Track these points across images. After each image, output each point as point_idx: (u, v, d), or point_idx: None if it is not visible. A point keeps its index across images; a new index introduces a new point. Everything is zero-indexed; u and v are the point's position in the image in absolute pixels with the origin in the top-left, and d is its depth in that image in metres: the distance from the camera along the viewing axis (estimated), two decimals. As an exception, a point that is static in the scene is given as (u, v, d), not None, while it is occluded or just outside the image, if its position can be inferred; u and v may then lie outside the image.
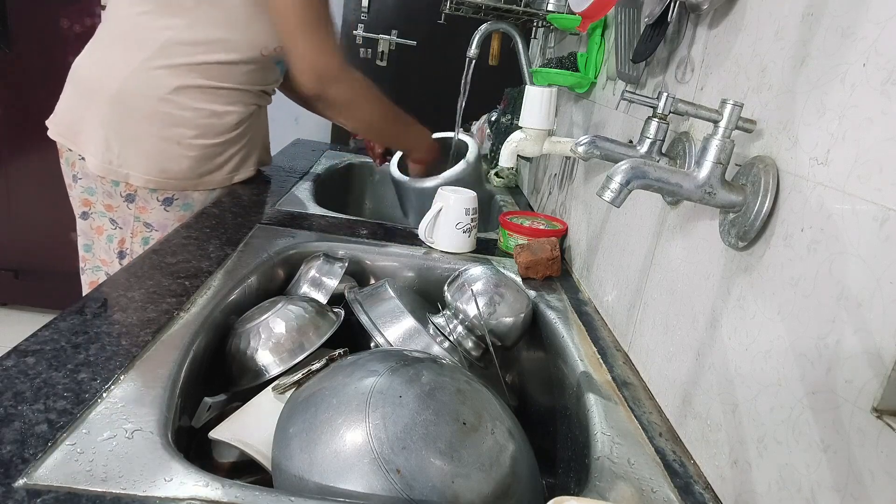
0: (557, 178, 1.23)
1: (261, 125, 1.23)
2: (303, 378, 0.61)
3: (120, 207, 1.07)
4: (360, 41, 2.07)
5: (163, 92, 1.03)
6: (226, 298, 0.74)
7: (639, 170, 0.50)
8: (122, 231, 1.08)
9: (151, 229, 1.09)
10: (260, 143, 1.24)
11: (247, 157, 1.19)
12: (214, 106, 1.08)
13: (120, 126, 1.04)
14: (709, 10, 0.65)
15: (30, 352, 0.56)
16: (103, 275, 1.12)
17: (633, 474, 0.53)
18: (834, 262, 0.42)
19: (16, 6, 2.15)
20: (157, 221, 1.09)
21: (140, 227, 1.08)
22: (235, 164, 1.16)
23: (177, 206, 1.10)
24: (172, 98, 1.04)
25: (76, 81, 1.09)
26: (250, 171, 1.21)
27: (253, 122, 1.17)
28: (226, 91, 1.08)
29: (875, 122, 0.40)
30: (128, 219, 1.08)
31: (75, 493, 0.42)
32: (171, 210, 1.09)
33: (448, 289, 0.80)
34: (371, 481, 0.47)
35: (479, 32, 1.36)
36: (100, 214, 1.09)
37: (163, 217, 1.09)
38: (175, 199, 1.09)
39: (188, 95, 1.05)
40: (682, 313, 0.62)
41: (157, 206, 1.08)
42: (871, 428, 0.36)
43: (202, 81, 1.05)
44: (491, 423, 0.54)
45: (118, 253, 1.10)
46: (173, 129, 1.05)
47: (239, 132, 1.14)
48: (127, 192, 1.06)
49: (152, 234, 1.09)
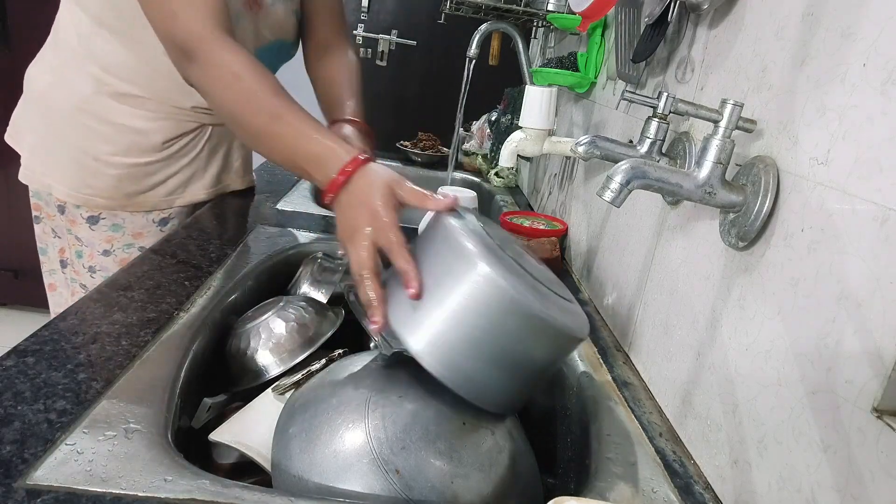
0: (557, 178, 1.23)
1: (220, 146, 1.06)
2: (302, 379, 0.61)
3: (56, 217, 0.99)
4: (360, 41, 2.07)
5: (78, 99, 0.92)
6: (226, 298, 0.74)
7: (639, 170, 0.50)
8: (60, 240, 1.01)
9: (82, 244, 0.98)
10: (217, 165, 1.07)
11: (189, 180, 1.02)
12: (135, 121, 0.93)
13: (44, 133, 0.95)
14: (709, 10, 0.65)
15: (30, 352, 0.56)
16: (58, 279, 1.05)
17: (633, 474, 0.53)
18: (834, 262, 0.42)
19: (16, 6, 2.16)
20: (86, 238, 0.98)
21: (73, 239, 0.98)
22: (173, 186, 1.00)
23: (103, 225, 0.97)
24: (89, 108, 0.92)
25: (25, 84, 0.99)
26: (199, 195, 1.05)
27: (197, 142, 1.01)
28: (152, 103, 0.93)
29: (875, 122, 0.40)
30: (62, 230, 0.99)
31: (75, 493, 0.42)
32: (97, 230, 0.97)
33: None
34: (370, 481, 0.47)
35: (479, 32, 1.36)
36: (46, 221, 1.01)
37: (89, 235, 0.97)
38: (101, 217, 0.96)
39: (105, 105, 0.92)
40: (683, 313, 0.62)
41: (82, 222, 0.97)
42: (871, 428, 0.36)
43: (122, 87, 0.91)
44: (490, 423, 0.54)
45: (60, 261, 1.03)
46: (91, 143, 0.93)
47: (171, 152, 0.98)
48: (58, 203, 0.97)
49: (83, 249, 0.98)
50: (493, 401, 0.53)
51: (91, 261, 0.98)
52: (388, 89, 2.22)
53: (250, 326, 0.71)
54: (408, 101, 2.25)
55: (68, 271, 1.02)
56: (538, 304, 0.51)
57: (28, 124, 0.97)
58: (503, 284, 0.50)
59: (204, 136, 1.02)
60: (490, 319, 0.50)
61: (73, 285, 1.02)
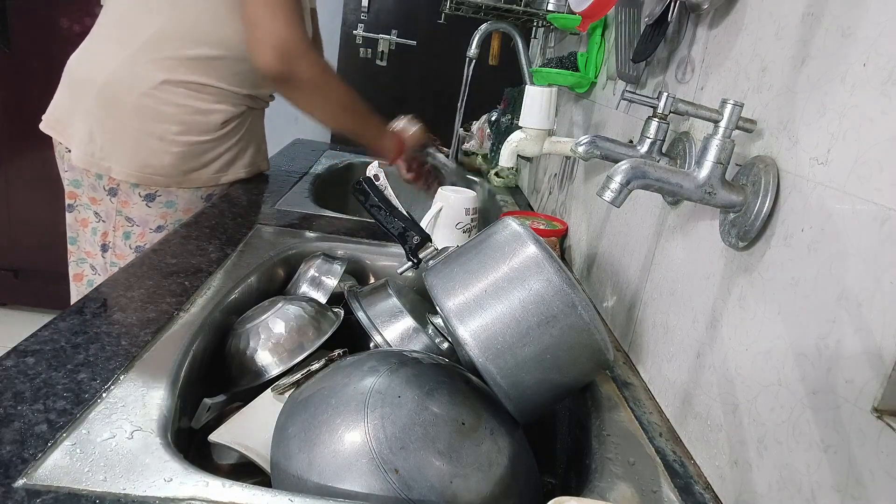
0: (557, 178, 1.23)
1: (254, 130, 1.21)
2: (302, 378, 0.61)
3: (103, 201, 1.07)
4: (360, 41, 2.07)
5: (147, 86, 1.02)
6: (226, 298, 0.74)
7: (639, 170, 0.50)
8: (105, 224, 1.08)
9: (133, 224, 1.08)
10: (253, 147, 1.21)
11: (235, 158, 1.16)
12: (199, 103, 1.06)
13: (104, 119, 1.03)
14: (709, 9, 0.65)
15: (30, 352, 0.56)
16: (88, 267, 1.12)
17: (633, 474, 0.53)
18: (834, 262, 0.42)
19: (16, 6, 2.16)
20: (139, 217, 1.08)
21: (122, 221, 1.07)
22: (222, 164, 1.14)
23: (159, 202, 1.08)
24: (156, 93, 1.03)
25: (68, 76, 1.09)
26: (240, 173, 1.19)
27: (243, 124, 1.15)
28: (213, 89, 1.07)
29: (875, 122, 0.40)
30: (110, 212, 1.07)
31: (75, 493, 0.42)
32: (154, 206, 1.08)
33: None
34: (369, 481, 0.47)
35: (479, 32, 1.36)
36: (85, 207, 1.09)
37: (144, 213, 1.07)
38: (158, 195, 1.08)
39: (172, 91, 1.04)
40: (683, 313, 0.62)
41: (138, 201, 1.07)
42: (872, 428, 0.36)
43: (187, 77, 1.04)
44: (490, 423, 0.54)
45: (101, 246, 1.09)
46: (156, 124, 1.04)
47: (225, 132, 1.12)
48: (110, 186, 1.06)
49: (133, 229, 1.08)
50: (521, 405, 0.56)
51: (141, 240, 1.09)
52: (388, 89, 2.22)
53: (250, 326, 0.71)
54: (408, 101, 2.24)
55: (109, 255, 1.09)
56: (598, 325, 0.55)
57: (83, 113, 1.05)
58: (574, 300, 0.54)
59: (248, 119, 1.17)
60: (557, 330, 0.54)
61: (111, 269, 1.09)
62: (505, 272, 0.56)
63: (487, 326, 0.54)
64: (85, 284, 1.13)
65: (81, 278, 1.13)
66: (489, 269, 0.57)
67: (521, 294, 0.55)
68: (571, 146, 0.77)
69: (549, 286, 0.54)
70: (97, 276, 1.12)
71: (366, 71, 2.19)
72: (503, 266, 0.56)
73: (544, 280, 0.55)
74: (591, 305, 0.58)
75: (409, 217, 0.75)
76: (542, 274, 0.55)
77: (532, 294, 0.54)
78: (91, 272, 1.12)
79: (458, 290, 0.56)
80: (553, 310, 0.54)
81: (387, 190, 0.76)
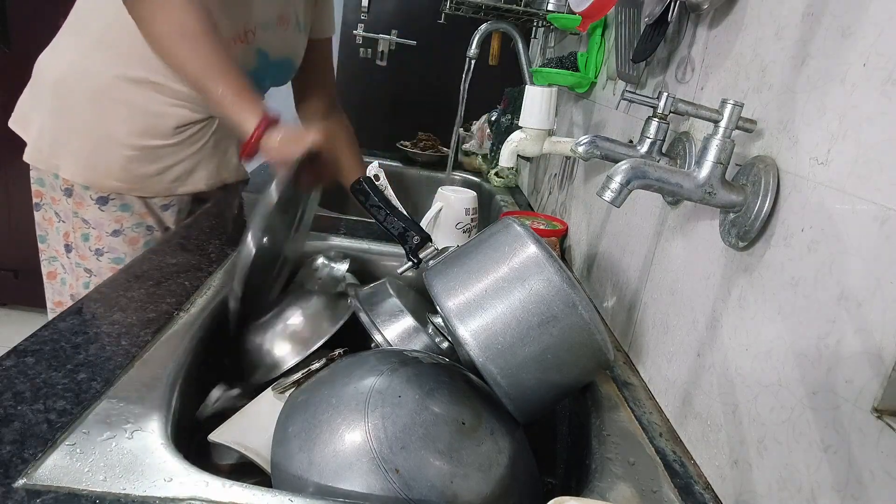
0: (557, 178, 1.23)
1: (221, 140, 1.08)
2: (302, 378, 0.61)
3: (61, 201, 1.01)
4: (360, 41, 2.07)
5: (99, 81, 0.96)
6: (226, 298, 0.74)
7: (639, 170, 0.50)
8: (65, 225, 1.03)
9: (89, 226, 1.01)
10: (217, 158, 1.09)
11: (194, 169, 1.05)
12: (152, 104, 0.97)
13: (57, 115, 0.98)
14: (709, 9, 0.65)
15: (30, 352, 0.56)
16: (59, 266, 1.07)
17: (633, 474, 0.53)
18: (834, 262, 0.42)
19: (16, 6, 2.15)
20: (94, 220, 1.00)
21: (79, 222, 1.01)
22: (179, 173, 1.04)
23: (113, 206, 1.00)
24: (108, 90, 0.96)
25: (35, 68, 1.03)
26: (199, 185, 1.07)
27: (205, 132, 1.05)
28: (169, 90, 0.97)
29: (875, 122, 0.40)
30: (68, 213, 1.01)
31: (75, 493, 0.42)
32: (107, 210, 1.00)
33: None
34: (370, 481, 0.47)
35: (479, 32, 1.36)
36: (48, 206, 1.04)
37: (98, 216, 1.00)
38: (111, 198, 1.00)
39: (125, 88, 0.96)
40: (683, 313, 0.62)
41: (91, 203, 0.99)
42: (872, 428, 0.36)
43: (141, 74, 0.95)
44: (490, 423, 0.54)
45: (65, 246, 1.04)
46: (107, 124, 0.97)
47: (181, 139, 1.02)
48: (65, 186, 0.99)
49: (90, 231, 1.01)
50: (521, 405, 0.56)
51: (99, 243, 1.01)
52: (388, 89, 2.22)
53: (264, 320, 0.71)
54: (408, 101, 2.24)
55: (73, 256, 1.04)
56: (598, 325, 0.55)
57: (38, 108, 1.00)
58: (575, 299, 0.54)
59: (211, 128, 1.06)
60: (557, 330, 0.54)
61: (77, 270, 1.04)
62: (505, 272, 0.56)
63: (488, 326, 0.54)
64: (59, 282, 1.09)
65: (55, 276, 1.09)
66: (489, 268, 0.57)
67: (521, 294, 0.55)
68: (571, 146, 0.77)
69: (549, 286, 0.54)
70: (67, 276, 1.07)
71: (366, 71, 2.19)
72: (503, 266, 0.56)
73: (545, 280, 0.55)
74: (592, 305, 0.58)
75: (409, 217, 0.75)
76: (542, 274, 0.55)
77: (532, 294, 0.55)
78: (62, 271, 1.08)
79: (459, 290, 0.56)
80: (553, 310, 0.54)
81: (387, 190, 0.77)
